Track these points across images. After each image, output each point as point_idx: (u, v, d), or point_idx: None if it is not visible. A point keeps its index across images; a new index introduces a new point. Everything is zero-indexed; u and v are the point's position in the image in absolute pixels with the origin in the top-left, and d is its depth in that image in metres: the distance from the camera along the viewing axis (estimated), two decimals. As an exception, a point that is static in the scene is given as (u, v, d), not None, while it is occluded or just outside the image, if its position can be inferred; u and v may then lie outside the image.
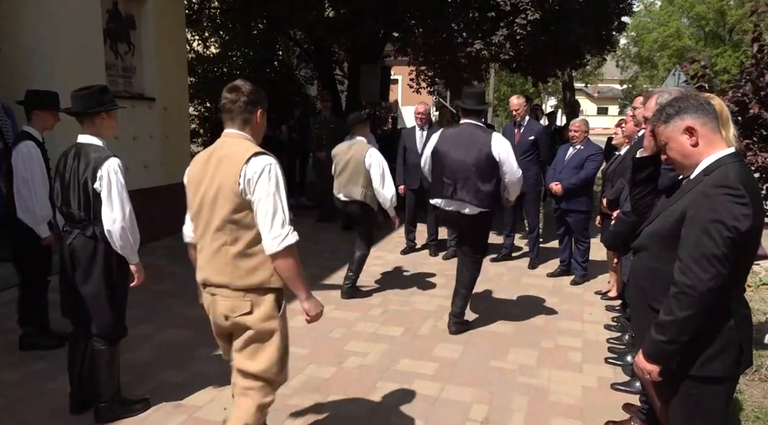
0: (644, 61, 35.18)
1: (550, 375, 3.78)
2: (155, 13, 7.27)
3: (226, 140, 2.34)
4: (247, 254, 2.27)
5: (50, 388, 3.45)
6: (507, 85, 32.14)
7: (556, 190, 5.76)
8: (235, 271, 2.27)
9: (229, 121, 2.34)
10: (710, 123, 2.00)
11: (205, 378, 3.61)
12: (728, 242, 1.85)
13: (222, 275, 2.29)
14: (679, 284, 1.90)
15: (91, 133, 3.00)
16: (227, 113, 2.33)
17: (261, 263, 2.28)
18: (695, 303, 1.88)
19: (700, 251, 1.88)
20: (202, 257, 2.38)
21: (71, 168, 2.95)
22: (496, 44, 8.56)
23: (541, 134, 6.56)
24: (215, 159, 2.30)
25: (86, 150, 2.95)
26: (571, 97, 16.96)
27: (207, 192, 2.29)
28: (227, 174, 2.23)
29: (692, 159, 2.04)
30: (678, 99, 2.06)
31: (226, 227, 2.26)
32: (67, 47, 5.94)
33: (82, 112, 2.96)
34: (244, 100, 2.31)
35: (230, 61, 12.85)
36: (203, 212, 2.32)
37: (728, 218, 1.86)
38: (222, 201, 2.24)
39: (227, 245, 2.27)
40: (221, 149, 2.31)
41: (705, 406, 2.03)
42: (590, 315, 4.98)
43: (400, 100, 21.80)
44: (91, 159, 2.90)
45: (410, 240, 7.12)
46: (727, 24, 29.98)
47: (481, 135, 4.26)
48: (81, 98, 2.96)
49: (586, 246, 5.89)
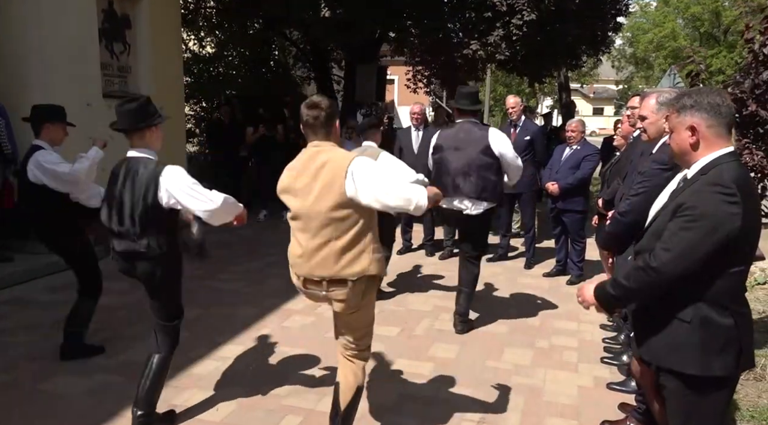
0: (640, 61, 35.27)
1: (546, 375, 3.78)
2: (151, 13, 7.26)
3: (318, 149, 2.56)
4: (349, 248, 2.50)
5: (41, 389, 3.43)
6: (503, 86, 32.18)
7: (552, 190, 5.77)
8: (337, 263, 2.50)
9: (312, 134, 2.59)
10: (718, 126, 1.99)
11: (200, 379, 3.60)
12: (706, 239, 1.87)
13: (324, 269, 2.51)
14: (645, 262, 1.98)
15: (141, 146, 2.94)
16: (310, 127, 2.57)
17: (360, 254, 2.52)
18: (651, 284, 1.98)
19: (676, 241, 1.92)
20: (303, 254, 2.57)
21: (127, 184, 2.86)
22: (492, 44, 8.57)
23: (537, 134, 6.57)
24: (312, 164, 2.52)
25: (142, 163, 2.88)
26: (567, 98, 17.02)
27: (307, 195, 2.51)
28: (332, 176, 2.46)
29: (687, 157, 2.05)
30: (700, 93, 2.03)
31: (333, 226, 2.48)
32: (63, 47, 5.92)
33: (132, 129, 2.91)
34: (324, 115, 2.54)
35: (226, 60, 12.83)
36: (307, 216, 2.52)
37: (713, 216, 1.87)
38: (326, 200, 2.46)
39: (332, 241, 2.49)
40: (316, 157, 2.53)
41: (703, 406, 2.03)
42: (586, 315, 4.97)
43: (397, 100, 21.81)
44: (149, 172, 2.83)
45: (406, 240, 7.12)
46: (722, 25, 30.07)
47: (477, 131, 4.37)
48: (128, 113, 2.89)
49: (582, 246, 5.90)
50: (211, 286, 5.49)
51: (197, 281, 5.38)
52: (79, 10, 6.15)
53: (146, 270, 2.90)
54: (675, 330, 2.02)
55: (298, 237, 2.60)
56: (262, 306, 4.82)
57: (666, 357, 2.05)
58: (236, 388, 3.48)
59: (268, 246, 6.97)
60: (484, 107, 27.37)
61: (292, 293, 5.13)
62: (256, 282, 5.55)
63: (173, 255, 2.96)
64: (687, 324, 1.98)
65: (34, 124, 3.78)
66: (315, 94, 2.63)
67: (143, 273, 2.91)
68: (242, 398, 3.37)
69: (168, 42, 7.70)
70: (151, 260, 2.87)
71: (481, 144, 4.30)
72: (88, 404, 3.26)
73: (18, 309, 4.75)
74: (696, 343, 1.97)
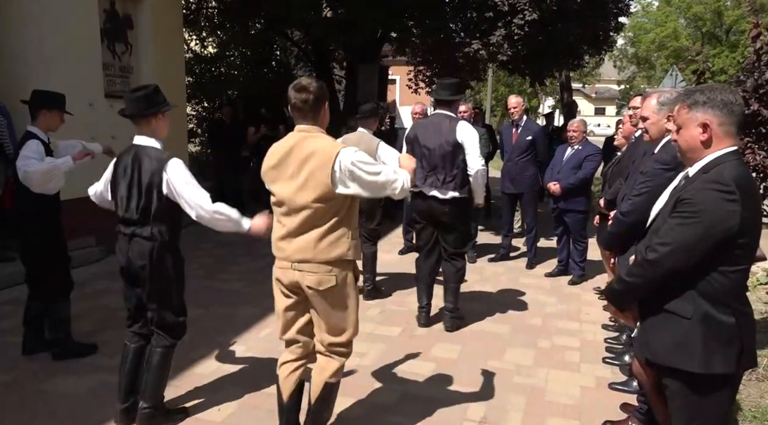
0: (642, 61, 35.22)
1: (548, 375, 3.77)
2: (152, 13, 7.26)
3: (305, 135, 2.54)
4: (330, 232, 2.52)
5: (42, 389, 3.43)
6: (505, 86, 32.16)
7: (554, 190, 5.77)
8: (316, 247, 2.52)
9: (300, 118, 2.56)
10: (729, 125, 1.98)
11: (201, 378, 3.60)
12: (703, 235, 1.88)
13: (305, 252, 2.52)
14: (642, 256, 2.03)
15: (147, 134, 2.99)
16: (298, 111, 2.54)
17: (338, 239, 2.54)
18: (648, 277, 2.04)
19: (673, 236, 1.94)
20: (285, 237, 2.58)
21: (133, 171, 2.91)
22: (494, 44, 8.56)
23: (538, 134, 6.56)
24: (299, 152, 2.50)
25: (147, 153, 2.93)
26: (569, 98, 16.98)
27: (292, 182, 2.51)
28: (319, 166, 2.45)
29: (696, 154, 2.04)
30: (713, 90, 2.01)
31: (317, 212, 2.49)
32: (65, 47, 5.92)
33: (139, 114, 2.95)
34: (312, 98, 2.51)
35: (228, 60, 12.84)
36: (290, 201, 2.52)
37: (711, 213, 1.87)
38: (311, 189, 2.46)
39: (315, 228, 2.51)
40: (303, 143, 2.51)
41: (706, 406, 2.02)
42: (588, 315, 4.98)
43: (398, 100, 21.80)
44: (154, 162, 2.89)
45: (408, 240, 7.11)
46: (724, 24, 30.05)
47: (447, 123, 4.39)
48: (137, 100, 2.94)
49: (584, 246, 5.89)
50: (212, 286, 5.49)
51: (198, 281, 5.39)
52: (81, 10, 6.15)
53: (143, 252, 2.91)
54: (675, 327, 2.01)
55: (281, 220, 2.61)
56: (262, 306, 4.81)
57: (666, 355, 2.04)
58: (237, 388, 3.48)
59: (269, 246, 6.93)
60: (486, 106, 27.36)
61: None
62: (256, 282, 5.55)
63: (174, 246, 3.02)
64: (687, 321, 1.98)
65: (31, 108, 3.75)
66: (303, 77, 2.58)
67: (139, 254, 2.91)
68: (243, 398, 3.37)
69: (170, 42, 7.70)
70: (151, 242, 2.90)
71: (449, 135, 4.32)
72: (88, 404, 3.26)
73: (18, 309, 4.73)
74: (696, 340, 1.96)
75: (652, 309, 2.09)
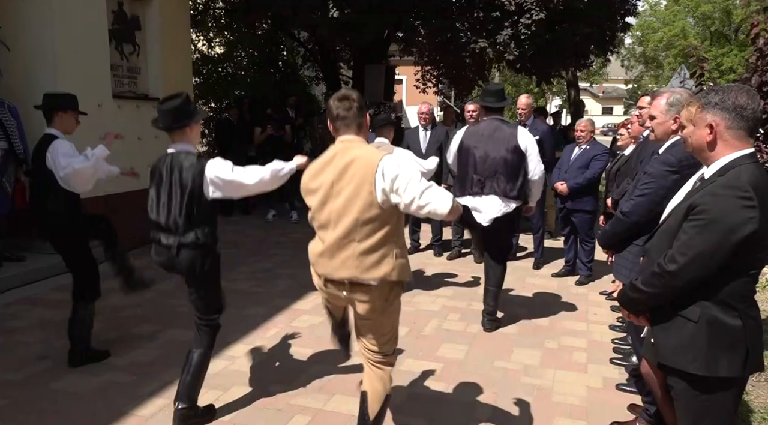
0: (649, 60, 35.06)
1: (555, 376, 3.77)
2: (160, 14, 7.29)
3: (348, 145, 2.46)
4: (372, 251, 2.41)
5: (53, 387, 3.46)
6: (512, 85, 32.10)
7: (561, 190, 5.75)
8: (359, 265, 2.41)
9: (344, 127, 2.49)
10: (737, 129, 1.95)
11: (208, 377, 3.60)
12: (722, 243, 1.86)
13: (342, 271, 2.44)
14: (662, 267, 1.99)
15: (182, 142, 3.03)
16: (342, 120, 2.47)
17: (383, 257, 2.43)
18: (669, 287, 2.00)
19: (691, 245, 1.91)
20: (324, 253, 2.49)
21: (171, 178, 2.94)
22: (501, 44, 8.56)
23: (545, 134, 6.54)
24: (343, 161, 2.41)
25: (184, 159, 2.95)
26: (576, 97, 16.95)
27: (332, 193, 2.43)
28: (361, 176, 2.36)
29: (704, 154, 2.03)
30: (728, 91, 1.97)
31: (358, 226, 2.38)
32: (73, 48, 5.96)
33: (177, 127, 3.00)
34: (357, 106, 2.48)
35: (235, 61, 12.87)
36: (330, 214, 2.44)
37: (729, 219, 1.85)
38: (357, 201, 2.37)
39: (355, 242, 2.40)
40: (345, 154, 2.43)
41: (712, 407, 2.02)
42: (595, 315, 4.96)
43: (405, 100, 21.81)
44: (193, 167, 2.92)
45: (414, 240, 7.12)
46: (733, 23, 29.82)
47: (506, 129, 4.38)
48: (170, 112, 2.97)
49: (591, 246, 5.87)
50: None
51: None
52: (90, 12, 6.19)
53: (190, 262, 2.96)
54: (682, 330, 2.01)
55: (320, 235, 2.52)
56: (271, 306, 4.83)
57: (672, 357, 2.04)
58: (245, 387, 3.50)
59: (277, 246, 6.98)
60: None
61: (301, 293, 5.14)
62: (265, 282, 5.56)
63: (215, 247, 3.06)
64: (694, 324, 1.98)
65: (45, 112, 3.74)
66: (343, 88, 2.58)
67: (187, 265, 2.97)
68: (251, 397, 3.38)
69: (177, 43, 7.73)
70: (195, 250, 2.95)
71: (510, 142, 4.30)
72: (98, 402, 3.29)
73: (29, 308, 4.79)
74: (702, 343, 1.96)
75: (663, 312, 2.08)
